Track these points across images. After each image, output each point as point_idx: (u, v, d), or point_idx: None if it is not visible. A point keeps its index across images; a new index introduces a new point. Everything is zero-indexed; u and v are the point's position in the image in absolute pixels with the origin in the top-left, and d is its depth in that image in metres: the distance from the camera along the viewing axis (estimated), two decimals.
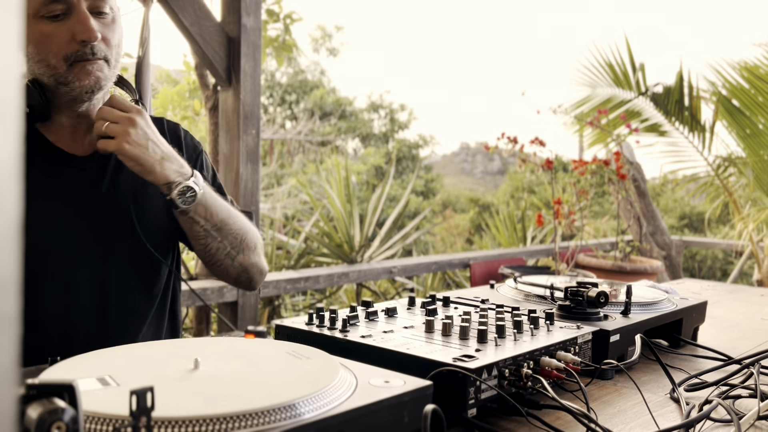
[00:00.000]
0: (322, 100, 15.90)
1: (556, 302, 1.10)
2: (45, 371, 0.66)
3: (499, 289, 1.27)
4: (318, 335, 0.87)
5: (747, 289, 1.86)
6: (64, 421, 0.45)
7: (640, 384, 0.93)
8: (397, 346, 0.80)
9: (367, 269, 2.71)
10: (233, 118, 2.06)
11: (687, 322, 1.16)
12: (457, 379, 0.72)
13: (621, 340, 0.97)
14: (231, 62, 2.05)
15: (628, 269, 2.76)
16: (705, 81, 4.39)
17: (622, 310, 1.06)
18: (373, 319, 0.95)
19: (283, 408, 0.57)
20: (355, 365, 0.72)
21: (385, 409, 0.62)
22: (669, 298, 1.19)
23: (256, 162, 2.11)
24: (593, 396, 0.87)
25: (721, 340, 1.21)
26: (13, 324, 0.32)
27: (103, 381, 0.63)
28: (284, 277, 2.30)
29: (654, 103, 4.58)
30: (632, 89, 4.64)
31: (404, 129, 17.38)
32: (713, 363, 1.04)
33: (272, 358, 0.71)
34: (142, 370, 0.67)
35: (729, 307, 1.56)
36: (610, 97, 4.76)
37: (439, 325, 0.91)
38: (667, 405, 0.85)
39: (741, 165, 4.29)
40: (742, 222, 4.12)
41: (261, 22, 2.11)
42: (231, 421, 0.54)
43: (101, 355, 0.73)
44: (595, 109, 4.74)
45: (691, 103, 4.44)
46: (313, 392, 0.60)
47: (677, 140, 4.61)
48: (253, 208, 2.11)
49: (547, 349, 0.83)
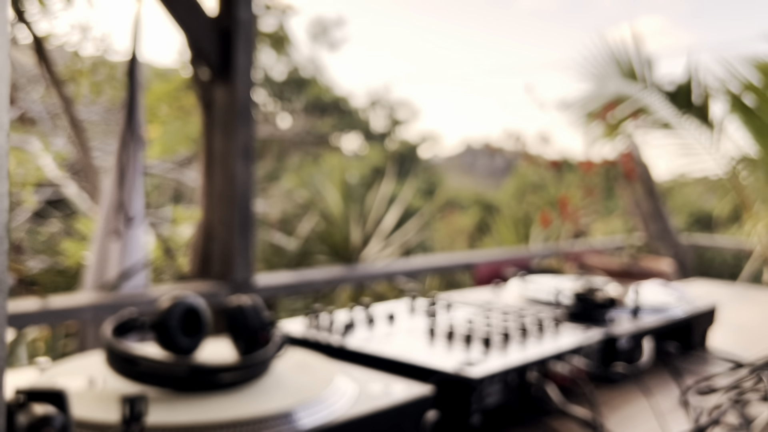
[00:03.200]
0: (319, 97, 15.82)
1: (562, 305, 1.08)
2: (35, 377, 0.65)
3: (503, 291, 1.25)
4: (315, 340, 0.86)
5: (758, 290, 1.83)
6: (54, 428, 0.45)
7: (649, 389, 0.91)
8: (398, 351, 0.79)
9: (366, 272, 2.69)
10: (227, 114, 2.03)
11: (697, 325, 1.14)
12: (461, 386, 0.70)
13: (629, 344, 0.95)
14: (225, 57, 2.01)
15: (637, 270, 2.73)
16: (716, 77, 4.35)
17: (631, 313, 1.04)
18: (373, 322, 0.94)
19: (280, 415, 0.56)
20: (353, 371, 0.70)
21: (384, 416, 0.60)
22: (678, 301, 1.17)
23: (251, 159, 2.09)
24: (601, 401, 0.86)
25: (732, 344, 1.19)
26: (3, 327, 0.32)
27: (94, 386, 0.61)
28: (280, 281, 2.28)
29: (663, 100, 4.54)
30: (641, 84, 4.60)
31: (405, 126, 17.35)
32: (723, 367, 1.02)
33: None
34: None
35: (739, 309, 1.54)
36: (618, 92, 4.72)
37: (441, 329, 0.89)
38: (676, 410, 0.83)
39: (752, 163, 4.25)
40: (752, 221, 4.08)
41: (255, 16, 2.08)
42: (226, 429, 0.53)
43: (93, 359, 0.72)
44: (602, 104, 4.70)
45: (701, 100, 4.40)
46: (310, 399, 0.59)
47: (687, 138, 4.57)
48: (248, 206, 2.09)
49: (553, 355, 0.81)
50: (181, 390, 0.59)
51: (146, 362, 0.58)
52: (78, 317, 1.67)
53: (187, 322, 0.65)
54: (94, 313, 1.68)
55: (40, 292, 1.78)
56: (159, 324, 0.64)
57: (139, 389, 0.59)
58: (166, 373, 0.58)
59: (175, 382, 0.59)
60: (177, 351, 0.65)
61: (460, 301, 1.11)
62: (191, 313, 0.66)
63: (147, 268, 1.93)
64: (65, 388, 0.47)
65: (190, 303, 0.65)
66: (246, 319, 0.66)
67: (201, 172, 2.13)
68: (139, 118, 1.84)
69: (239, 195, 2.05)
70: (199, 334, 0.67)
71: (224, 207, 2.06)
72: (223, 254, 2.07)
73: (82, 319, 1.68)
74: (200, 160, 2.12)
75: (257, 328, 0.67)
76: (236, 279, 2.06)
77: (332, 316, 0.92)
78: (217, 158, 2.08)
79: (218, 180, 2.07)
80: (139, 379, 0.59)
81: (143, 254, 1.89)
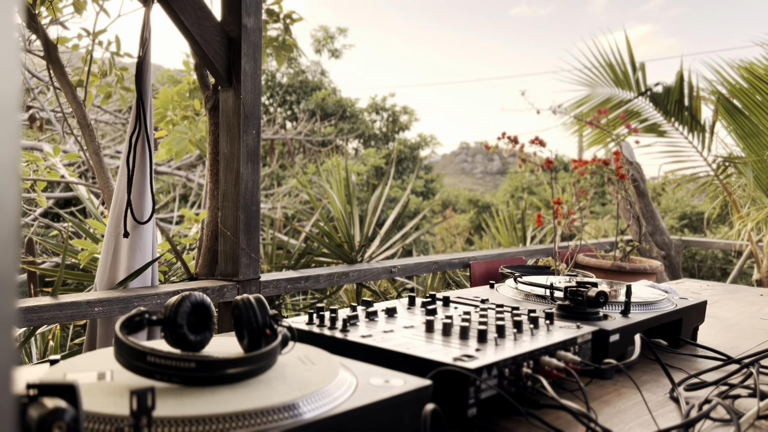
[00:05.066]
0: (323, 101, 15.90)
1: (555, 302, 1.10)
2: (46, 371, 0.67)
3: (499, 288, 1.27)
4: (318, 335, 0.88)
5: (746, 288, 1.86)
6: (65, 421, 0.45)
7: (640, 384, 0.93)
8: (397, 345, 0.80)
9: (367, 269, 2.70)
10: (234, 118, 2.06)
11: (686, 321, 1.16)
12: (457, 379, 0.72)
13: (621, 339, 0.97)
14: (231, 62, 2.05)
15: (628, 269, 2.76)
16: (705, 81, 4.40)
17: (622, 309, 1.06)
18: (373, 318, 0.95)
19: (284, 407, 0.57)
20: (355, 365, 0.72)
21: (385, 408, 0.62)
22: (668, 298, 1.19)
23: (257, 162, 2.11)
24: (593, 395, 0.87)
25: (721, 340, 1.21)
26: (13, 324, 0.32)
27: (104, 380, 0.63)
28: (284, 276, 2.30)
29: (654, 103, 4.58)
30: (632, 89, 4.64)
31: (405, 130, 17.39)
32: (713, 363, 1.04)
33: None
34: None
35: (728, 306, 1.56)
36: (610, 96, 4.76)
37: (439, 324, 0.91)
38: (667, 405, 0.85)
39: (740, 165, 4.29)
40: (741, 221, 4.12)
41: (261, 23, 2.10)
42: (231, 421, 0.54)
43: (102, 355, 0.73)
44: (594, 109, 4.74)
45: (690, 103, 4.44)
46: (313, 392, 0.60)
47: (677, 140, 4.61)
48: (253, 208, 2.10)
49: (547, 349, 0.83)
50: (188, 384, 0.60)
51: (154, 357, 0.60)
52: (88, 314, 1.68)
53: (194, 318, 0.67)
54: (104, 310, 1.69)
55: (51, 290, 1.79)
56: (167, 320, 0.65)
57: (148, 383, 0.60)
58: (174, 368, 0.59)
59: (183, 376, 0.60)
60: (185, 347, 0.66)
61: (458, 298, 1.13)
62: (198, 310, 0.67)
63: (155, 267, 1.94)
64: (76, 382, 0.48)
65: (197, 300, 0.67)
66: (251, 316, 0.68)
67: (208, 174, 2.14)
68: (147, 120, 1.85)
69: (245, 196, 2.06)
70: (205, 331, 0.68)
71: (230, 208, 2.07)
72: (229, 253, 2.09)
73: (92, 316, 1.69)
74: (207, 162, 2.14)
75: (262, 325, 0.68)
76: (242, 277, 2.08)
77: (334, 312, 0.93)
78: (223, 161, 2.09)
79: (224, 181, 2.09)
80: (148, 374, 0.60)
81: (152, 253, 1.90)
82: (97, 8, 2.19)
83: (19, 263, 0.37)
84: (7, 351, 0.31)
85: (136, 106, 1.84)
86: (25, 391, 0.47)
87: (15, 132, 0.32)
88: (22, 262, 2.55)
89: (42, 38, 2.00)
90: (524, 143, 2.81)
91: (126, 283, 1.84)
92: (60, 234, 3.75)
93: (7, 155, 0.31)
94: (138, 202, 1.85)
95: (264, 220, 4.55)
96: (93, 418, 0.54)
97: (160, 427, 0.53)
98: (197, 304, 0.67)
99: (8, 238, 0.31)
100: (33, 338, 2.33)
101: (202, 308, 0.67)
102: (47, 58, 2.02)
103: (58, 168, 2.52)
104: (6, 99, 0.31)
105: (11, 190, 0.32)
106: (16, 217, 0.33)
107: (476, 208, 15.51)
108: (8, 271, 0.31)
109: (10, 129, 0.31)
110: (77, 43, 2.29)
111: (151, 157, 1.89)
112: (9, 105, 0.31)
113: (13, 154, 0.32)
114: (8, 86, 0.31)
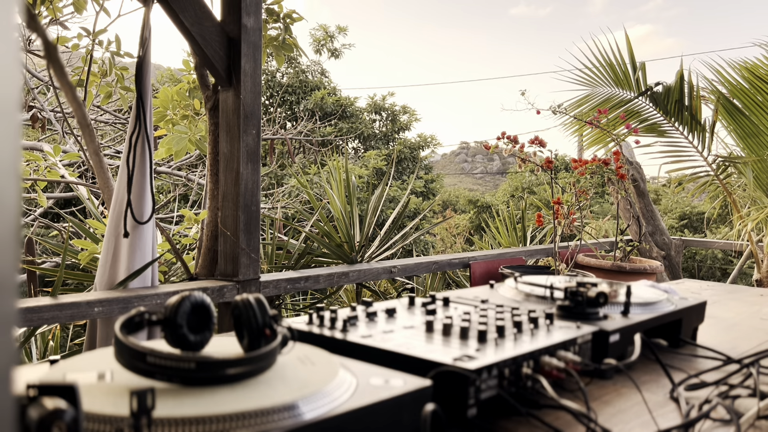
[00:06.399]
0: (322, 101, 15.92)
1: (555, 302, 1.10)
2: (46, 371, 0.66)
3: (498, 289, 1.27)
4: (318, 335, 0.87)
5: (746, 289, 1.86)
6: (64, 422, 0.45)
7: (640, 384, 0.93)
8: (397, 346, 0.80)
9: (367, 269, 2.71)
10: (233, 118, 2.06)
11: (686, 322, 1.16)
12: (457, 379, 0.72)
13: (621, 339, 0.97)
14: (231, 62, 2.05)
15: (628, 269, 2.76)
16: (705, 80, 4.40)
17: (622, 310, 1.06)
18: (373, 319, 0.95)
19: (284, 408, 0.57)
20: (355, 365, 0.72)
21: (384, 409, 0.62)
22: (668, 298, 1.19)
23: (257, 162, 2.11)
24: (593, 396, 0.87)
25: (721, 340, 1.21)
26: (13, 324, 0.32)
27: (104, 380, 0.63)
28: (284, 276, 2.31)
29: (654, 103, 4.58)
30: (632, 89, 4.64)
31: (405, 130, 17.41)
32: (713, 363, 1.04)
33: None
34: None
35: (728, 307, 1.56)
36: (610, 96, 4.76)
37: (439, 325, 0.91)
38: (667, 405, 0.85)
39: (740, 165, 4.29)
40: (741, 221, 4.12)
41: (261, 22, 2.11)
42: (231, 421, 0.54)
43: (102, 355, 0.73)
44: (594, 108, 4.74)
45: (691, 103, 4.44)
46: (313, 392, 0.60)
47: (677, 140, 4.62)
48: (253, 208, 2.11)
49: (547, 349, 0.83)
50: (188, 384, 0.60)
51: (154, 357, 0.60)
52: (88, 315, 1.68)
53: (194, 319, 0.67)
54: (104, 310, 1.69)
55: (51, 290, 1.79)
56: (167, 321, 0.65)
57: (148, 383, 0.60)
58: (174, 368, 0.59)
59: (183, 377, 0.60)
60: (184, 347, 0.66)
61: (458, 299, 1.13)
62: (198, 310, 0.67)
63: (155, 267, 1.94)
64: (76, 383, 0.48)
65: (197, 300, 0.67)
66: (251, 316, 0.68)
67: (208, 174, 2.15)
68: (147, 120, 1.85)
69: (245, 196, 2.07)
70: (205, 331, 0.68)
71: (230, 208, 2.08)
72: (229, 254, 2.09)
73: (92, 316, 1.69)
74: (207, 162, 2.14)
75: (262, 325, 0.68)
76: (242, 278, 2.08)
77: (334, 312, 0.93)
78: (223, 161, 2.09)
79: (224, 181, 2.09)
80: (148, 374, 0.60)
81: (152, 253, 1.90)
82: (97, 8, 2.19)
83: (19, 263, 0.37)
84: (7, 351, 0.31)
85: (136, 106, 1.84)
86: (25, 391, 0.47)
87: (15, 132, 0.32)
88: (22, 262, 2.56)
89: (42, 38, 2.00)
90: (524, 143, 2.81)
91: (126, 283, 1.84)
92: (60, 234, 3.76)
93: (8, 155, 0.31)
94: (138, 202, 1.85)
95: (264, 220, 4.55)
96: (93, 418, 0.54)
97: (160, 427, 0.53)
98: (197, 305, 0.67)
99: (8, 238, 0.31)
100: (33, 338, 2.33)
101: (202, 308, 0.67)
102: (47, 57, 2.03)
103: (59, 168, 2.52)
104: (6, 99, 0.31)
105: (11, 190, 0.32)
106: (17, 217, 0.33)
107: (476, 208, 15.53)
108: (8, 271, 0.31)
109: (10, 129, 0.32)
110: (77, 43, 2.29)
111: (151, 157, 1.89)
112: (9, 105, 0.31)
113: (14, 154, 0.32)
114: (8, 86, 0.31)
